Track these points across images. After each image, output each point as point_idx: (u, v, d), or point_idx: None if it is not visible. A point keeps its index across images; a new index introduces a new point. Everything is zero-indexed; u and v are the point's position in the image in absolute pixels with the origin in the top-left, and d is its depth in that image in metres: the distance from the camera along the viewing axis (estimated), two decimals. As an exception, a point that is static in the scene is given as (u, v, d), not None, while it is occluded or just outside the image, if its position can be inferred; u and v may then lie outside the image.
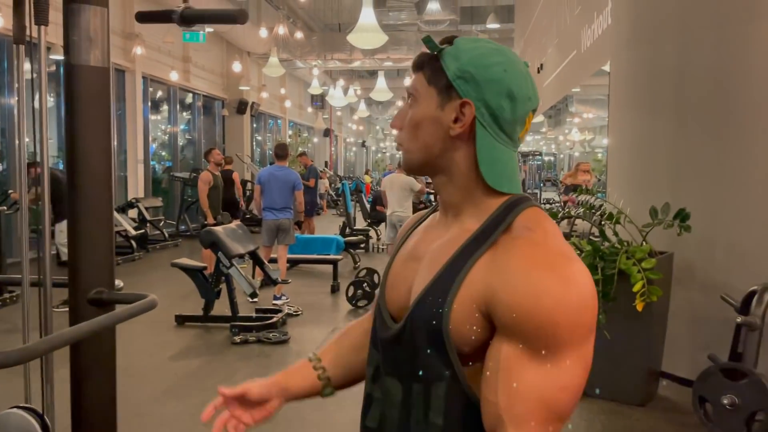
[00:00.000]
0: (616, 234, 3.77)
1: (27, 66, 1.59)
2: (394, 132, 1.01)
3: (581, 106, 21.70)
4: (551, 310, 0.78)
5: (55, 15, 1.59)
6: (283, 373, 1.13)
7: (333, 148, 28.14)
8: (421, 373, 0.89)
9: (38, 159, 1.50)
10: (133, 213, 10.75)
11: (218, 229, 5.54)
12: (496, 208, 0.90)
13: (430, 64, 0.94)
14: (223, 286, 5.51)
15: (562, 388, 0.79)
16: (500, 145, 0.91)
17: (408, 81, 20.57)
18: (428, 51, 0.95)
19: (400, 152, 0.99)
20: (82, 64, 1.59)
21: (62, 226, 5.84)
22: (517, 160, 0.96)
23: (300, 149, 16.22)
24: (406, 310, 0.92)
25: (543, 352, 0.78)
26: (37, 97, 1.63)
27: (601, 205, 4.04)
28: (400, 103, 26.21)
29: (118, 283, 1.72)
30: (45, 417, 1.53)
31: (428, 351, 0.87)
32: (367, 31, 8.53)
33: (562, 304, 0.78)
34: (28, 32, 1.54)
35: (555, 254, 0.82)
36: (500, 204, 0.90)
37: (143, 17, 1.61)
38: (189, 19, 1.49)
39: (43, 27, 1.45)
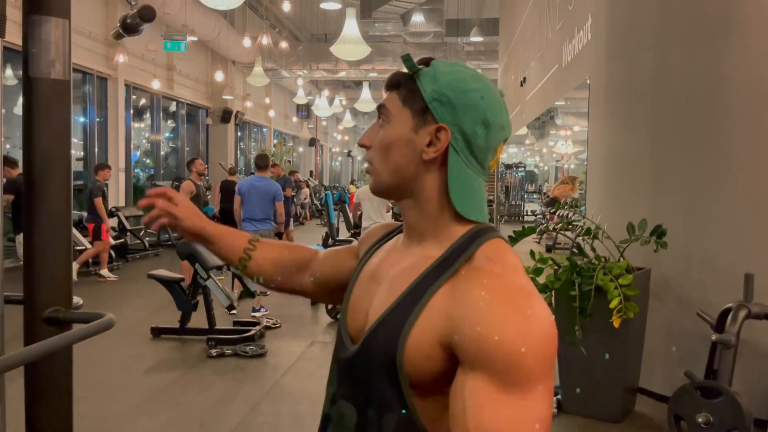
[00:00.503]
0: (593, 249, 3.77)
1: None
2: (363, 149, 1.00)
3: (567, 118, 21.89)
4: (516, 341, 0.76)
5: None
6: (222, 229, 1.23)
7: (318, 158, 28.10)
8: (373, 400, 0.87)
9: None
10: (113, 222, 10.62)
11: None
12: (459, 237, 0.89)
13: (405, 84, 0.92)
14: (201, 298, 5.44)
15: (538, 419, 0.76)
16: (471, 172, 0.90)
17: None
18: (403, 70, 0.94)
19: (368, 169, 0.96)
20: (42, 77, 1.55)
21: (21, 238, 5.76)
22: (485, 188, 0.95)
23: (273, 160, 16.11)
24: (364, 333, 0.91)
25: (512, 385, 0.76)
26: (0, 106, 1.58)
27: (576, 221, 4.04)
28: (385, 113, 26.21)
29: (77, 300, 1.67)
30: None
31: (381, 379, 0.86)
32: (350, 42, 8.53)
33: (527, 336, 0.76)
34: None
35: (515, 288, 0.81)
36: (464, 232, 0.89)
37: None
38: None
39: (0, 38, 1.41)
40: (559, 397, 3.80)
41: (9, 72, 9.07)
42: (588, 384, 3.65)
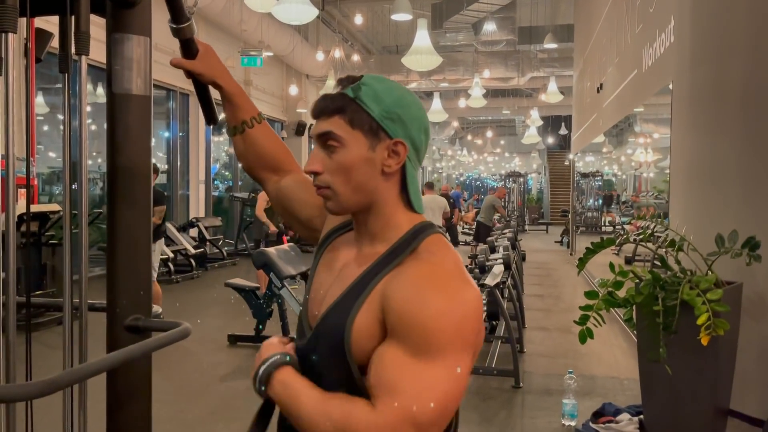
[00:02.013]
0: (678, 262, 3.57)
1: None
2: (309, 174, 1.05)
3: (645, 125, 21.07)
4: (434, 318, 0.87)
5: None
6: (236, 92, 1.38)
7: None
8: (323, 384, 0.95)
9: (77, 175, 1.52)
10: (193, 232, 11.04)
11: (271, 250, 5.59)
12: (405, 233, 0.99)
13: (349, 107, 0.97)
14: (276, 307, 5.54)
15: (428, 387, 0.86)
16: (415, 173, 1.02)
17: (462, 103, 20.56)
18: (333, 94, 1.00)
19: (324, 193, 1.02)
20: (124, 92, 1.61)
21: (155, 246, 6.07)
22: None
23: None
24: (316, 321, 1.02)
25: (419, 353, 0.86)
26: (81, 122, 1.65)
27: (659, 232, 3.85)
28: (455, 123, 26.14)
29: (156, 309, 1.71)
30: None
31: (331, 364, 0.96)
32: (421, 53, 8.53)
33: (445, 315, 0.87)
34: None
35: (448, 275, 0.92)
36: (409, 229, 1.00)
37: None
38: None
39: (84, 56, 1.47)
40: (641, 417, 3.61)
41: (100, 90, 9.61)
42: (674, 405, 3.45)
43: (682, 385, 3.39)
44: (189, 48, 1.44)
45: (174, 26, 1.43)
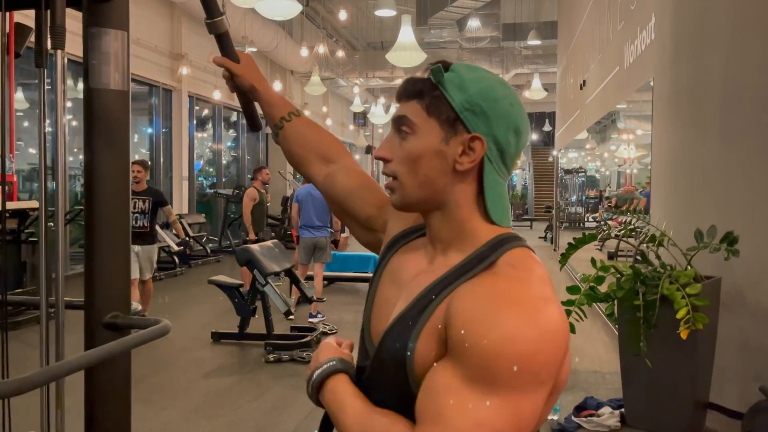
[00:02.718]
0: (658, 257, 3.61)
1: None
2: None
3: (629, 121, 21.24)
4: (499, 343, 0.73)
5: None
6: (270, 93, 1.29)
7: (375, 165, 28.24)
8: (388, 405, 0.86)
9: (58, 172, 1.51)
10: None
11: (254, 247, 5.57)
12: (482, 244, 0.87)
13: (429, 93, 0.88)
14: (260, 304, 5.53)
15: (477, 424, 0.73)
16: (501, 179, 0.90)
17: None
18: (417, 77, 0.90)
19: (390, 184, 0.92)
20: (102, 87, 1.59)
21: (154, 248, 6.13)
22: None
23: None
24: (379, 337, 0.90)
25: (475, 382, 0.74)
26: (58, 117, 1.63)
27: (640, 227, 3.88)
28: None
29: (135, 306, 1.70)
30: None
31: (395, 383, 0.84)
32: (406, 49, 8.54)
33: (514, 341, 0.73)
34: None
35: (528, 293, 0.78)
36: (488, 240, 0.87)
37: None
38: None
39: (60, 51, 1.45)
40: (623, 410, 3.65)
41: (80, 85, 9.50)
42: (654, 398, 3.49)
43: (662, 378, 3.43)
44: (225, 45, 1.37)
45: (208, 21, 1.38)
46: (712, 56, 3.89)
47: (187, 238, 6.95)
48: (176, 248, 9.63)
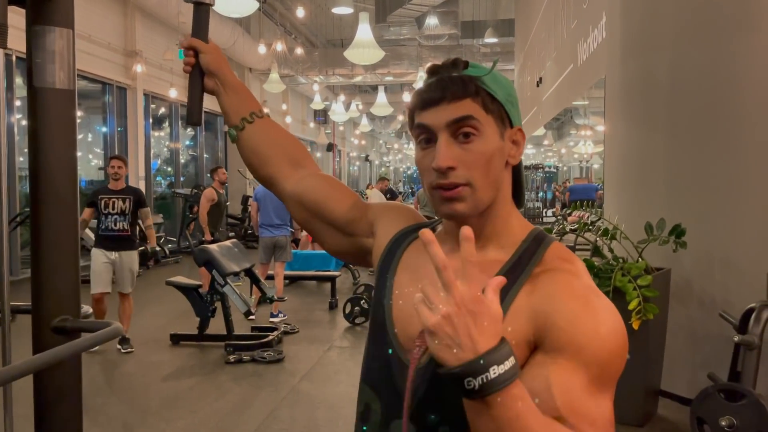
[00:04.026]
0: (611, 250, 3.71)
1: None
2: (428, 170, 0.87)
3: (587, 117, 21.70)
4: (608, 339, 0.76)
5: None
6: (239, 86, 1.18)
7: (336, 163, 28.16)
8: (444, 417, 0.82)
9: None
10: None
11: (213, 247, 5.51)
12: (523, 239, 0.88)
13: (480, 91, 0.85)
14: (219, 305, 5.46)
15: (611, 420, 0.77)
16: None
17: (407, 96, 20.84)
18: (455, 75, 0.85)
19: (459, 193, 0.84)
20: (47, 87, 1.55)
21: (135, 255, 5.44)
22: None
23: None
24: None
25: (597, 379, 0.76)
26: (4, 115, 1.59)
27: (594, 221, 3.98)
28: (401, 117, 26.26)
29: (86, 309, 1.67)
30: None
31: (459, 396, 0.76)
32: (364, 47, 8.54)
33: (616, 336, 0.78)
34: None
35: (593, 289, 0.82)
36: (527, 235, 0.89)
37: None
38: None
39: (1, 49, 1.41)
40: (578, 400, 3.74)
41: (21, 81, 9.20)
42: (608, 387, 3.59)
43: (615, 368, 3.52)
44: (201, 19, 1.27)
45: None
46: (658, 54, 4.01)
47: (158, 248, 6.23)
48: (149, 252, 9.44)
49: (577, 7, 6.07)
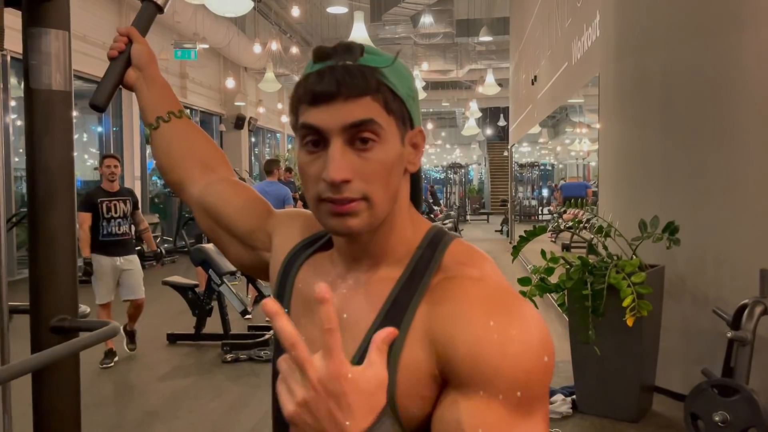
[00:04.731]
0: (605, 248, 3.74)
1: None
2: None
3: (582, 115, 21.74)
4: (520, 358, 0.63)
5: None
6: (161, 82, 1.15)
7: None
8: None
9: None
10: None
11: (209, 246, 5.51)
12: (418, 246, 0.75)
13: (381, 86, 0.71)
14: (216, 304, 5.47)
15: None
16: None
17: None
18: (351, 61, 0.71)
19: (353, 208, 0.70)
20: (43, 88, 1.57)
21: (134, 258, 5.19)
22: None
23: (287, 164, 15.89)
24: None
25: (518, 407, 0.63)
26: (2, 117, 1.61)
27: (589, 218, 4.01)
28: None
29: (84, 309, 1.68)
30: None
31: None
32: (360, 45, 8.54)
33: (530, 351, 0.64)
34: None
35: (502, 292, 0.69)
36: (421, 239, 0.76)
37: None
38: None
39: (-2, 52, 1.42)
40: (574, 397, 3.77)
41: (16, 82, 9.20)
42: (603, 384, 3.62)
43: (610, 364, 3.55)
44: (146, 18, 1.27)
45: None
46: (652, 52, 4.04)
47: (159, 250, 5.94)
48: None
49: (571, 6, 6.09)
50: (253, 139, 18.72)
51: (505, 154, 22.48)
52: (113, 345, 4.91)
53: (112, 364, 4.86)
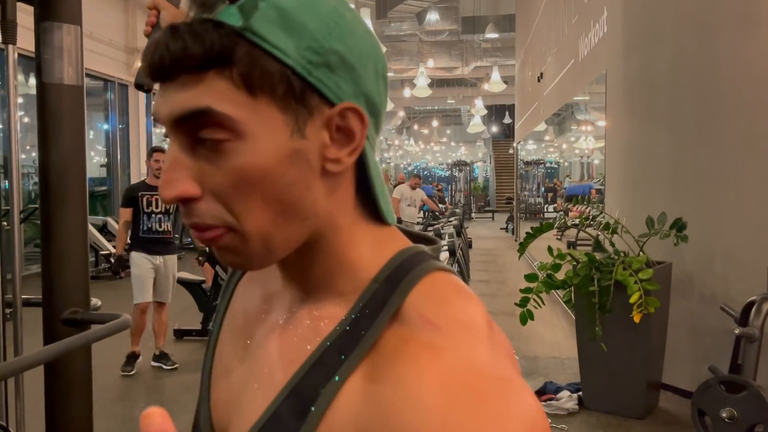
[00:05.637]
0: (612, 244, 3.73)
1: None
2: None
3: (588, 113, 21.69)
4: None
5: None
6: None
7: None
8: None
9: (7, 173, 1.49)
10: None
11: (216, 242, 5.52)
12: (373, 277, 0.51)
13: (239, 51, 0.45)
14: (222, 300, 5.49)
15: None
16: (375, 155, 0.54)
17: (408, 92, 20.85)
18: (186, 25, 0.45)
19: (218, 240, 0.49)
20: (55, 82, 1.58)
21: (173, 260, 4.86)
22: None
23: None
24: None
25: None
26: (15, 112, 1.62)
27: (595, 215, 4.01)
28: (402, 113, 26.27)
29: (95, 302, 1.69)
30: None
31: None
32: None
33: None
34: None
35: (474, 376, 0.42)
36: (382, 268, 0.51)
37: None
38: None
39: (11, 45, 1.44)
40: (580, 393, 3.77)
41: (32, 81, 9.24)
42: (610, 380, 3.62)
43: (617, 361, 3.55)
44: None
45: None
46: (660, 48, 4.03)
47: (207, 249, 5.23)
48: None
49: (578, 2, 6.08)
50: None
51: (511, 151, 22.48)
52: (137, 349, 4.65)
53: (176, 365, 4.63)
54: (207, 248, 5.22)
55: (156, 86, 0.49)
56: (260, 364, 0.54)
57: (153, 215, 4.55)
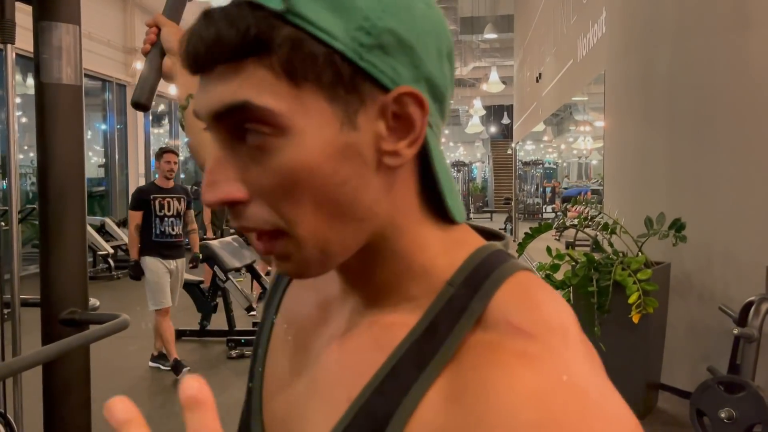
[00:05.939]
0: (611, 245, 3.73)
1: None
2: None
3: (586, 113, 21.74)
4: None
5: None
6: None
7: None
8: None
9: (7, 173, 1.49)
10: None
11: (214, 243, 5.53)
12: (448, 280, 0.46)
13: (279, 38, 0.41)
14: (221, 300, 5.49)
15: None
16: (440, 145, 0.49)
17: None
18: (222, 10, 0.42)
19: (272, 248, 0.45)
20: (54, 82, 1.57)
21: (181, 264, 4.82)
22: None
23: None
24: None
25: None
26: (13, 112, 1.61)
27: (594, 216, 4.01)
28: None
29: (94, 302, 1.69)
30: (14, 424, 1.51)
31: None
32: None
33: None
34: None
35: (574, 393, 0.38)
36: (457, 269, 0.46)
37: None
38: None
39: (9, 45, 1.43)
40: (579, 394, 3.77)
41: (29, 81, 9.23)
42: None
43: (615, 361, 3.53)
44: (175, 3, 1.24)
45: None
46: (659, 48, 4.03)
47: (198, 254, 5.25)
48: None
49: (576, 2, 6.08)
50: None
51: (509, 152, 22.49)
52: (174, 352, 4.58)
53: (188, 368, 4.52)
54: (200, 254, 5.24)
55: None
56: (322, 377, 0.50)
57: (166, 218, 4.48)
